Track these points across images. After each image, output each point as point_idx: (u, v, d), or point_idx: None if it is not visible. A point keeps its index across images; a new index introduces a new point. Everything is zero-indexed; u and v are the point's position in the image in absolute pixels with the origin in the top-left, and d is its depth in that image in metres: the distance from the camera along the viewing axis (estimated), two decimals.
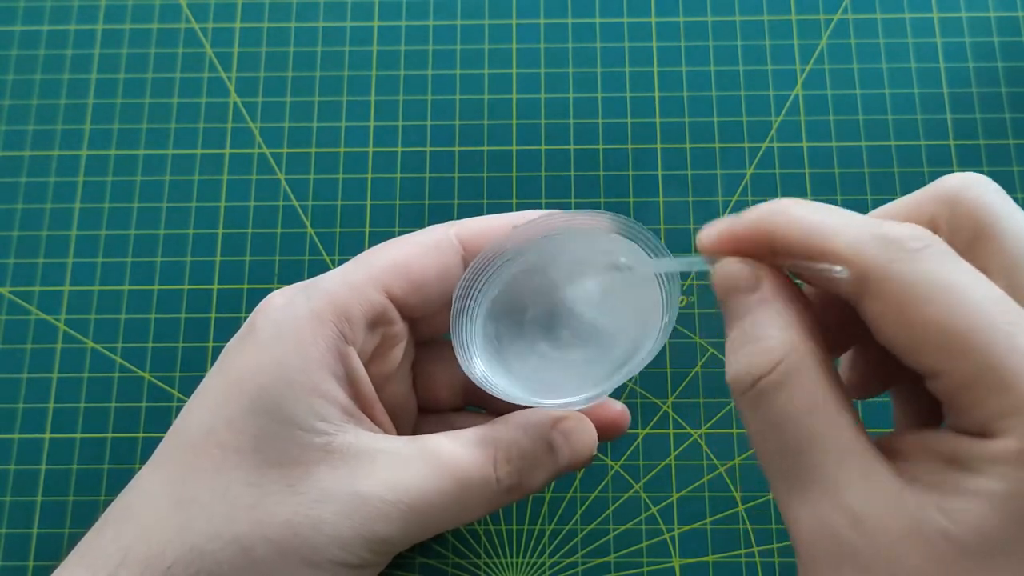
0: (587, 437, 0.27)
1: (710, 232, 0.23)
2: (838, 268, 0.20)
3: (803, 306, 0.22)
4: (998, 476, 0.18)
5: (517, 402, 0.26)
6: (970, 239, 0.21)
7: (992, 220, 0.21)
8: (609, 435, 0.29)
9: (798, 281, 0.23)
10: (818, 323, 0.22)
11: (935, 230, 0.22)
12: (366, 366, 0.27)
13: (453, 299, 0.27)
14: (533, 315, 0.27)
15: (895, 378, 0.25)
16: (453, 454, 0.25)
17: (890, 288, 0.19)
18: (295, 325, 0.26)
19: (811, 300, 0.23)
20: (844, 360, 0.26)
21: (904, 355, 0.20)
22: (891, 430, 0.24)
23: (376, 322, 0.27)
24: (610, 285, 0.27)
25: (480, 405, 0.32)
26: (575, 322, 0.27)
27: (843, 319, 0.23)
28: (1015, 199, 0.36)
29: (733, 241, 0.22)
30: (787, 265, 0.22)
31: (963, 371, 0.18)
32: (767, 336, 0.21)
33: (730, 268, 0.22)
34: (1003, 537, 0.18)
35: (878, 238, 0.20)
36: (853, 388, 0.26)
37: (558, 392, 0.26)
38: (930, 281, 0.19)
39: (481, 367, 0.27)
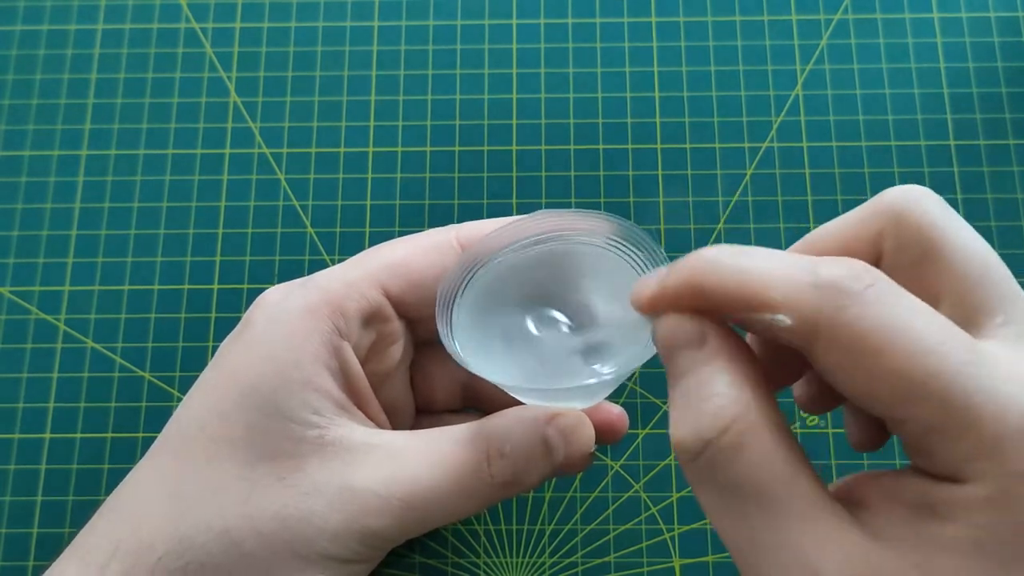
0: (584, 435, 0.27)
1: (641, 292, 0.21)
2: (780, 317, 0.19)
3: (750, 359, 0.20)
4: (972, 524, 0.17)
5: (511, 392, 0.26)
6: (918, 256, 0.20)
7: (939, 237, 0.20)
8: (608, 438, 0.29)
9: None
10: (764, 373, 0.20)
11: (881, 247, 0.21)
12: (362, 364, 0.27)
13: (439, 289, 0.26)
14: (525, 312, 0.27)
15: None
16: (446, 448, 0.25)
17: (842, 339, 0.18)
18: (289, 319, 0.26)
19: (753, 344, 0.22)
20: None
21: (863, 403, 0.19)
22: (844, 477, 0.23)
23: (371, 318, 0.27)
24: (604, 282, 0.27)
25: (478, 406, 0.32)
26: (568, 319, 0.26)
27: (790, 350, 0.23)
28: (1015, 199, 0.36)
29: (666, 300, 0.21)
30: (727, 318, 0.20)
31: (926, 417, 0.18)
32: (715, 395, 0.19)
33: (670, 324, 0.20)
34: None
35: (817, 285, 0.18)
36: (808, 404, 0.25)
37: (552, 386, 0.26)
38: (882, 327, 0.18)
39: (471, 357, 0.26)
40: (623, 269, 0.26)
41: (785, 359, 0.23)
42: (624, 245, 0.26)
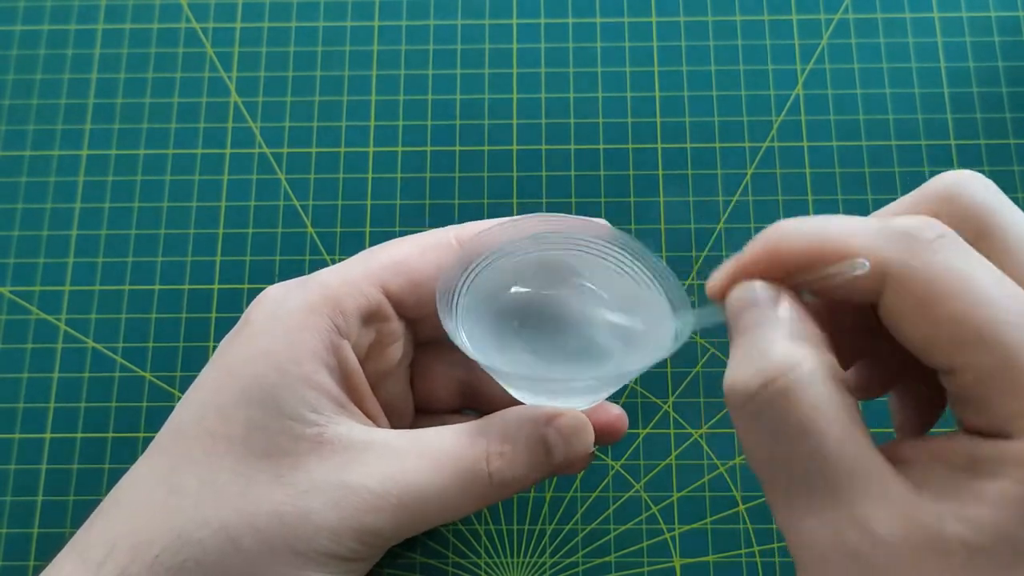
0: (583, 436, 0.27)
1: (717, 277, 0.22)
2: (859, 262, 0.19)
3: (816, 321, 0.21)
4: (1018, 479, 0.17)
5: (510, 390, 0.25)
6: (973, 236, 0.20)
7: (993, 217, 0.21)
8: (607, 439, 0.29)
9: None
10: (830, 339, 0.21)
11: None
12: (362, 362, 0.27)
13: (439, 284, 0.26)
14: (523, 311, 0.27)
15: (897, 379, 0.25)
16: (445, 447, 0.25)
17: (911, 281, 0.19)
18: (289, 317, 0.26)
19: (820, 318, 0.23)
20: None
21: (923, 350, 0.19)
22: (888, 441, 0.24)
23: (370, 317, 0.27)
24: (601, 283, 0.27)
25: (477, 407, 0.32)
26: (572, 320, 0.26)
27: (852, 331, 0.23)
28: (1016, 199, 0.36)
29: (743, 275, 0.21)
30: (800, 282, 0.21)
31: (984, 366, 0.18)
32: (780, 343, 0.20)
33: (747, 287, 0.21)
34: None
35: (891, 232, 0.19)
36: (857, 389, 0.25)
37: (554, 390, 0.26)
38: (951, 274, 0.18)
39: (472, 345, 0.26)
40: (619, 270, 0.26)
41: (846, 341, 0.23)
42: (618, 249, 0.26)
